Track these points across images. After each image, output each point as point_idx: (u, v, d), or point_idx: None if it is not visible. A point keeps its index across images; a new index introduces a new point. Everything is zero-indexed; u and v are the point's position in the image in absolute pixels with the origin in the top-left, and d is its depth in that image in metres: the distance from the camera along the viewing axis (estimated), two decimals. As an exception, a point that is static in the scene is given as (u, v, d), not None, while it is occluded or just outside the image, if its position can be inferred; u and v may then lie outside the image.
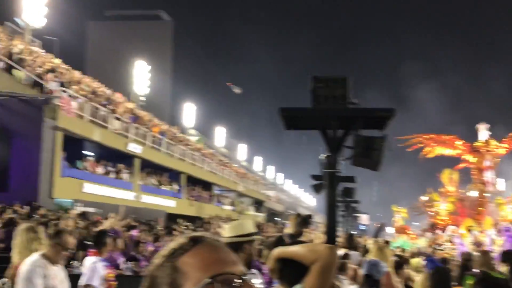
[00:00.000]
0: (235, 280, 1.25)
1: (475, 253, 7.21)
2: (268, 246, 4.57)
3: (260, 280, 4.38)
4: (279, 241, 6.18)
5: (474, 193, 30.46)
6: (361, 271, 5.24)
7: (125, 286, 8.12)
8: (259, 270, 5.19)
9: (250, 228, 3.86)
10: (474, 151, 28.73)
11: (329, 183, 8.46)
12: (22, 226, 5.93)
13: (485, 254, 6.89)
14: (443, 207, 31.13)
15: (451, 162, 31.40)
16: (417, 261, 9.99)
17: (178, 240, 1.34)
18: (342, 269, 7.03)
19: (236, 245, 3.65)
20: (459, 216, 30.05)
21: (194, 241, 1.31)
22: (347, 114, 7.95)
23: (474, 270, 6.37)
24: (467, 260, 6.74)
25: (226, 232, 3.84)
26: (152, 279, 1.30)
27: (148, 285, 1.30)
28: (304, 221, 7.26)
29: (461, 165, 30.46)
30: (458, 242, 11.65)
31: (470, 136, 30.37)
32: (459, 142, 29.17)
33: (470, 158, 28.99)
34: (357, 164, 8.06)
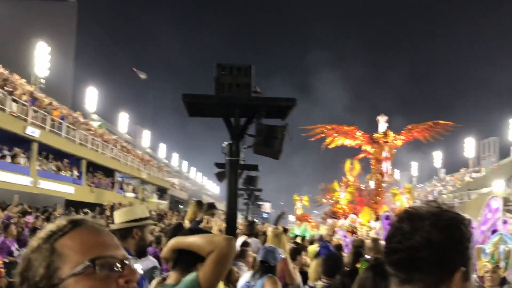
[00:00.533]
0: (116, 264, 1.22)
1: (367, 240, 7.50)
2: (167, 233, 4.54)
3: (141, 266, 4.33)
4: (178, 229, 6.16)
5: (372, 183, 31.44)
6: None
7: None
8: (156, 256, 5.15)
9: (142, 213, 3.80)
10: (373, 142, 29.57)
11: (231, 171, 8.50)
12: None
13: (376, 241, 7.20)
14: (342, 196, 31.98)
15: (353, 152, 32.29)
16: (314, 248, 10.28)
17: (57, 222, 1.29)
18: (242, 256, 7.10)
19: (126, 231, 3.63)
20: (358, 205, 31.00)
21: (74, 224, 1.27)
22: (250, 102, 8.01)
23: (366, 256, 6.63)
24: (359, 247, 7.00)
25: (117, 217, 3.77)
26: (28, 261, 1.24)
27: (24, 267, 1.24)
28: (203, 207, 7.28)
29: (361, 156, 31.28)
30: (342, 234, 12.11)
31: (372, 126, 31.31)
32: (359, 133, 29.92)
33: (369, 148, 29.84)
34: (259, 152, 8.14)
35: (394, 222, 1.39)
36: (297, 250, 8.16)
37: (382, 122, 30.44)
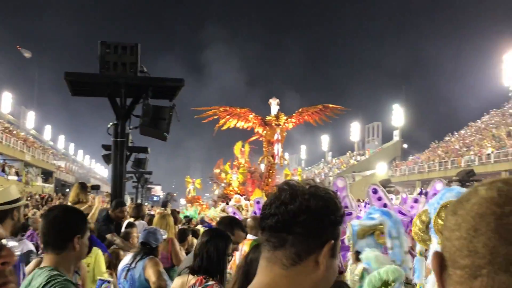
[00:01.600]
0: None
1: (248, 219, 7.60)
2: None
3: (19, 247, 4.23)
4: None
5: (263, 165, 31.77)
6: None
7: None
8: (32, 238, 4.95)
9: (15, 194, 3.65)
10: (265, 124, 29.75)
11: (116, 153, 8.31)
12: None
13: (256, 219, 7.31)
14: (234, 178, 32.16)
15: (245, 134, 32.36)
16: (201, 229, 10.31)
17: None
18: (126, 238, 6.98)
19: (2, 213, 3.48)
20: (249, 187, 31.28)
21: None
22: (136, 82, 7.84)
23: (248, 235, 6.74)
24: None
25: None
26: None
27: None
28: (86, 189, 7.06)
29: (253, 138, 31.39)
30: (231, 211, 12.25)
31: (266, 108, 31.50)
32: (251, 115, 29.94)
33: (262, 131, 29.97)
34: (145, 133, 8.01)
35: (274, 192, 1.41)
36: (185, 232, 8.14)
37: (274, 105, 30.77)
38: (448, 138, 67.00)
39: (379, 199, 6.96)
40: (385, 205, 7.02)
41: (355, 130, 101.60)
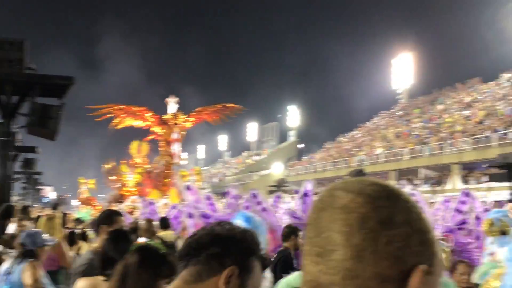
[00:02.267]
0: None
1: (140, 222, 7.56)
2: None
3: None
4: None
5: (161, 165, 31.21)
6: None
7: None
8: None
9: None
10: (163, 123, 29.20)
11: (2, 153, 7.99)
12: None
13: (149, 222, 7.31)
14: (130, 178, 31.35)
15: (142, 133, 31.63)
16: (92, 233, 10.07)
17: None
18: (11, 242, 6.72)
19: None
20: (146, 187, 30.64)
21: None
22: (23, 79, 7.57)
23: (140, 237, 6.70)
24: (134, 229, 7.05)
25: None
26: None
27: None
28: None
29: (150, 137, 30.71)
30: (150, 209, 12.05)
31: (163, 106, 30.91)
32: (148, 114, 29.27)
33: (159, 130, 29.41)
34: (33, 133, 7.75)
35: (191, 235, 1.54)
36: (74, 234, 7.96)
37: (172, 103, 30.38)
38: (341, 139, 69.41)
39: (258, 203, 7.18)
40: (263, 209, 7.24)
41: (252, 130, 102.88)
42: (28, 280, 4.46)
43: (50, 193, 74.14)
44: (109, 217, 4.20)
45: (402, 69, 70.00)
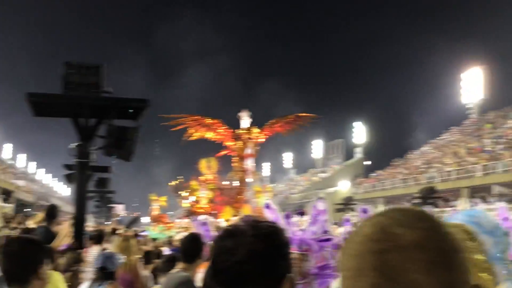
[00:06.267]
0: None
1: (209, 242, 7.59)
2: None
3: None
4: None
5: (234, 181, 30.95)
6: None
7: None
8: None
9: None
10: (236, 138, 29.01)
11: (79, 173, 8.22)
12: None
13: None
14: (203, 195, 31.27)
15: (213, 149, 31.57)
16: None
17: None
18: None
19: None
20: (218, 204, 30.56)
21: None
22: (100, 103, 7.79)
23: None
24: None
25: None
26: None
27: None
28: (51, 213, 6.98)
29: (223, 153, 30.56)
30: (203, 229, 12.04)
31: (236, 122, 30.66)
32: (222, 128, 29.07)
33: (232, 145, 29.18)
34: (109, 154, 7.95)
35: (216, 242, 1.40)
36: (149, 254, 8.09)
37: (245, 118, 30.25)
38: (410, 155, 68.04)
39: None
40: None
41: (317, 147, 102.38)
42: None
43: (121, 211, 76.02)
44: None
45: (472, 83, 68.06)
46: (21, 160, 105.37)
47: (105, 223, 33.99)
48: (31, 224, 7.59)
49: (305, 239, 5.28)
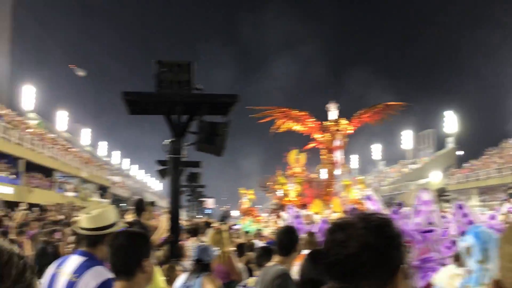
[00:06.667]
0: None
1: (302, 234, 7.59)
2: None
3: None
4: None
5: (323, 174, 30.66)
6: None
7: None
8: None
9: (113, 217, 3.46)
10: (324, 130, 28.71)
11: (173, 169, 8.45)
12: None
13: (311, 235, 7.33)
14: (291, 188, 31.20)
15: (300, 142, 31.38)
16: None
17: None
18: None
19: (98, 237, 3.27)
20: (307, 197, 30.39)
21: None
22: (192, 99, 7.97)
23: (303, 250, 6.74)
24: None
25: (86, 223, 3.37)
26: None
27: None
28: (140, 207, 7.22)
29: (311, 145, 30.29)
30: (296, 222, 12.03)
31: (323, 113, 30.35)
32: (310, 120, 28.80)
33: (319, 137, 28.87)
34: (201, 150, 8.12)
35: (327, 235, 1.40)
36: (243, 246, 8.22)
37: (333, 109, 29.96)
38: (505, 144, 65.21)
39: (465, 215, 6.62)
40: (470, 222, 6.59)
41: (407, 138, 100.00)
42: None
43: (211, 205, 77.55)
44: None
45: None
46: (116, 157, 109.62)
47: (197, 216, 34.82)
48: (129, 218, 7.89)
49: (408, 230, 5.16)
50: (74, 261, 3.26)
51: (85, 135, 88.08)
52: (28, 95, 61.98)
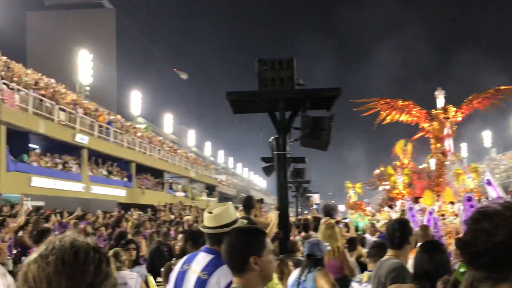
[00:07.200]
0: None
1: (416, 229, 7.38)
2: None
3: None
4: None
5: (432, 164, 29.72)
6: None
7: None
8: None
9: (234, 214, 3.52)
10: (431, 119, 27.81)
11: (279, 165, 8.50)
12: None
13: (425, 228, 7.11)
14: (399, 180, 30.48)
15: (405, 133, 30.61)
16: (373, 238, 10.17)
17: None
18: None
19: (222, 234, 3.21)
20: (416, 188, 29.56)
21: None
22: (294, 95, 7.98)
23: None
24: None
25: (209, 221, 3.42)
26: None
27: None
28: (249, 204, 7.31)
29: (418, 135, 29.41)
30: (410, 214, 11.72)
31: (428, 101, 29.40)
32: (415, 109, 27.94)
33: (427, 126, 27.98)
34: (306, 145, 8.12)
35: (471, 224, 1.36)
36: (354, 241, 8.15)
37: (440, 96, 29.01)
38: None
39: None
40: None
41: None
42: (326, 287, 4.66)
43: (317, 200, 77.38)
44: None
45: None
46: (220, 157, 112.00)
47: (304, 212, 34.83)
48: (238, 215, 8.02)
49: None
50: (202, 258, 3.33)
51: (191, 136, 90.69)
52: (135, 101, 64.64)
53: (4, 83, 22.68)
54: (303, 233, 9.28)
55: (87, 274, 1.31)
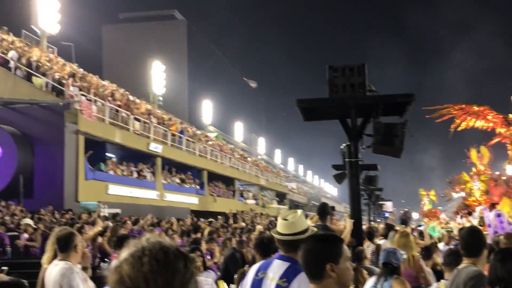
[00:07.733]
0: None
1: (500, 237, 7.15)
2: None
3: None
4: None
5: (509, 170, 28.72)
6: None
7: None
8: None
9: (307, 222, 3.53)
10: (508, 124, 26.88)
11: (351, 172, 8.43)
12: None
13: (510, 237, 6.88)
14: (476, 187, 29.58)
15: (482, 138, 29.65)
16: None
17: None
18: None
19: (295, 242, 3.22)
20: (493, 195, 28.58)
21: None
22: (366, 102, 7.90)
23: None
24: (496, 243, 6.71)
25: (284, 228, 3.41)
26: None
27: None
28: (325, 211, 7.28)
29: (494, 140, 28.49)
30: (498, 221, 11.26)
31: (503, 106, 28.37)
32: (491, 115, 27.03)
33: (504, 131, 26.99)
34: (378, 152, 8.02)
35: None
36: (429, 249, 7.98)
37: None
38: None
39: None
40: None
41: None
42: None
43: (390, 208, 75.90)
44: None
45: None
46: (291, 164, 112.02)
47: (377, 220, 34.30)
48: (312, 223, 8.00)
49: None
50: (278, 266, 3.33)
51: (261, 144, 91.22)
52: (206, 110, 65.68)
53: (82, 95, 23.59)
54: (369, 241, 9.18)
55: (178, 272, 1.37)
